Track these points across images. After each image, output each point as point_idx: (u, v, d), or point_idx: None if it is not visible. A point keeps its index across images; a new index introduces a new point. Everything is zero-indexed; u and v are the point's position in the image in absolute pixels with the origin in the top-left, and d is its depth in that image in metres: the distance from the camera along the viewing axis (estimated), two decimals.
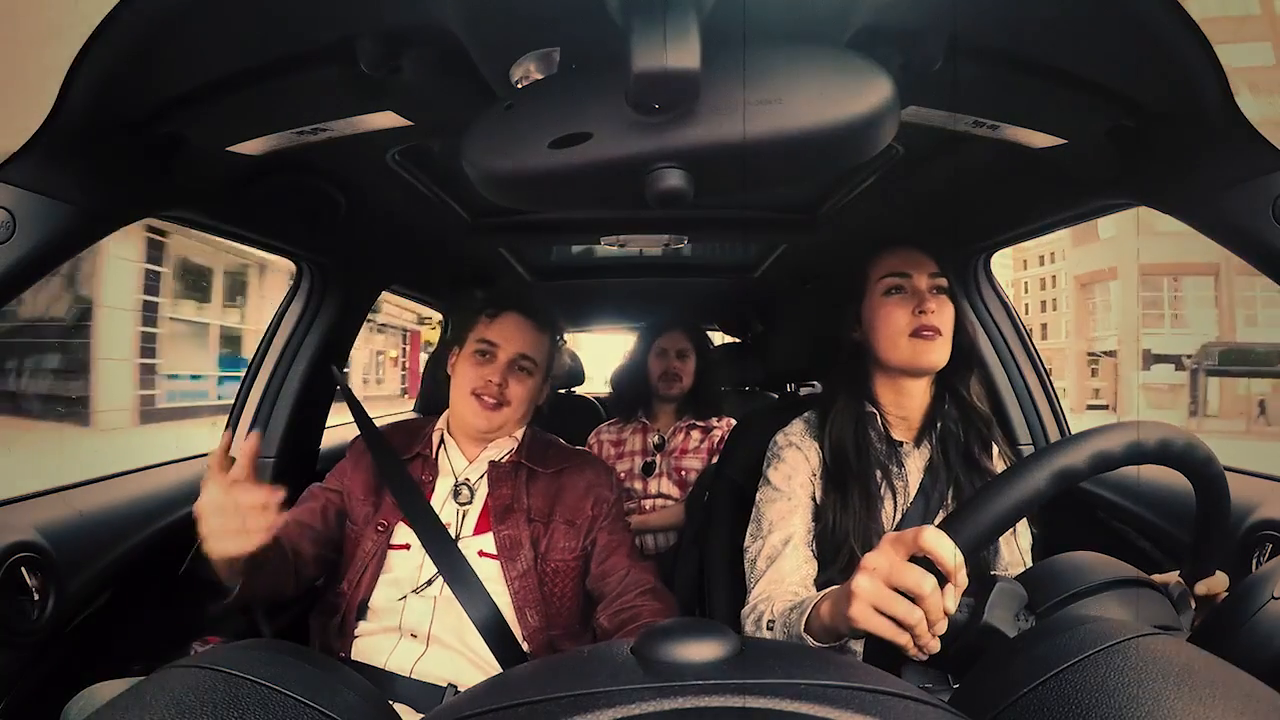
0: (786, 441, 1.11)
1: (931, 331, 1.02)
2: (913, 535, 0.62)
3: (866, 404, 1.09)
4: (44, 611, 0.90)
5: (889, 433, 1.08)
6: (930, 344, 1.02)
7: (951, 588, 0.62)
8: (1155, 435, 0.66)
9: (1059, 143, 0.87)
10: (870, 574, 0.64)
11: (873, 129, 0.59)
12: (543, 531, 1.17)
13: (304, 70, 0.72)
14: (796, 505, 1.05)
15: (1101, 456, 0.65)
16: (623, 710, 0.35)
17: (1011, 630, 0.65)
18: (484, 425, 1.19)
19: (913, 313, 1.02)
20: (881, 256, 1.08)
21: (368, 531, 1.17)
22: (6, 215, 0.70)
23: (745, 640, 0.43)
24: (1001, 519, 0.64)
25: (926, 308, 1.02)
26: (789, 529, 1.02)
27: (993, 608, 0.66)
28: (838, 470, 1.05)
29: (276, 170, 1.02)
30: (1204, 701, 0.42)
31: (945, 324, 1.03)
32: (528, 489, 1.19)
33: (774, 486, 1.07)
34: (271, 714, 0.46)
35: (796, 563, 0.99)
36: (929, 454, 1.07)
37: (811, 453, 1.09)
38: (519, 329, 1.20)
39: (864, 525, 1.01)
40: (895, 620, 0.62)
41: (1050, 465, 0.64)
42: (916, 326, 1.02)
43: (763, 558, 1.01)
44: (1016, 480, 0.64)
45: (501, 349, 1.19)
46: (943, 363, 1.04)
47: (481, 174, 0.64)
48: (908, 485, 1.06)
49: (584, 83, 0.61)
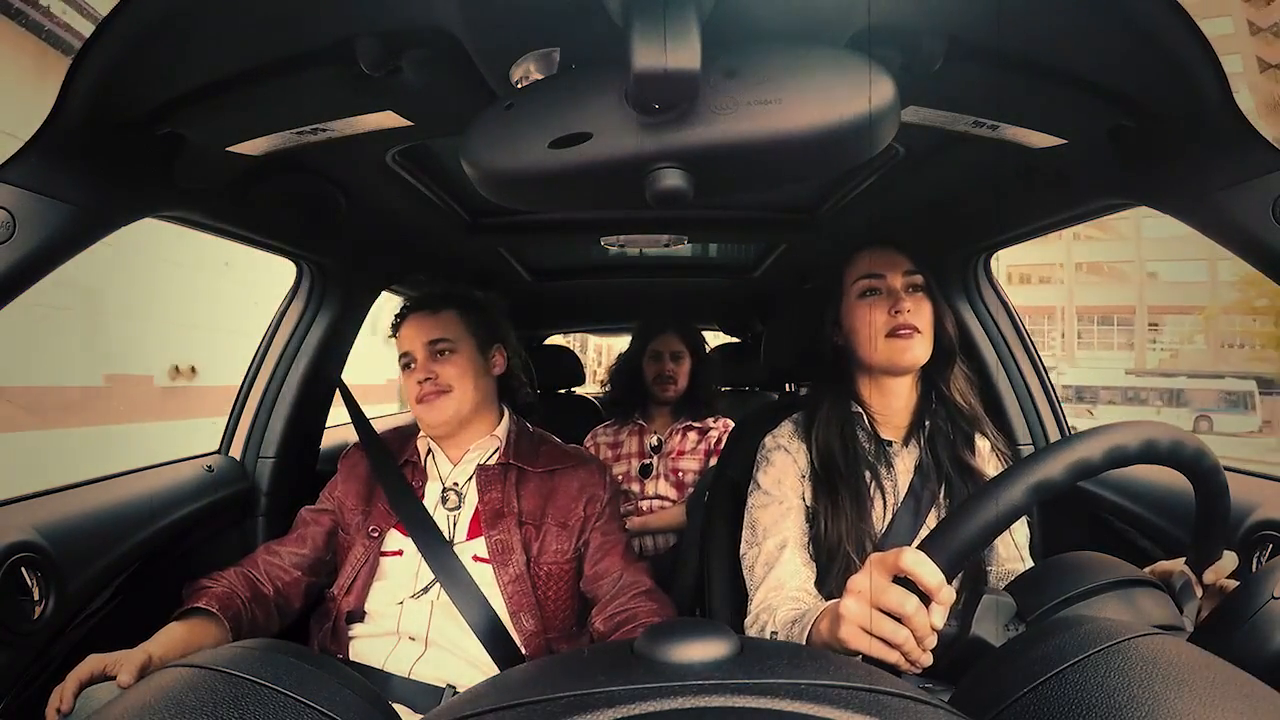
0: (775, 444, 1.11)
1: (908, 330, 1.02)
2: (894, 557, 0.64)
3: (852, 404, 1.09)
4: (44, 611, 0.90)
5: (877, 432, 1.08)
6: (907, 343, 1.02)
7: (937, 605, 0.62)
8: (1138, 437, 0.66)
9: (1059, 143, 0.87)
10: (856, 596, 0.66)
11: (873, 129, 0.59)
12: (535, 535, 1.16)
13: (304, 70, 0.72)
14: (789, 509, 1.04)
15: (1080, 465, 0.65)
16: (623, 710, 0.35)
17: (999, 642, 0.66)
18: (439, 417, 1.19)
19: (889, 313, 1.03)
20: (856, 259, 1.09)
21: (359, 539, 1.18)
22: (6, 215, 0.70)
23: (745, 640, 0.43)
24: (981, 534, 0.64)
25: (901, 307, 1.02)
26: (783, 533, 1.02)
27: (980, 620, 0.66)
28: (826, 472, 1.05)
29: (276, 170, 1.02)
30: (1204, 701, 0.42)
31: (922, 322, 1.03)
32: (518, 491, 1.19)
33: (764, 490, 1.07)
34: (271, 714, 0.46)
35: (795, 567, 0.99)
36: (918, 453, 1.07)
37: (800, 455, 1.09)
38: (417, 325, 1.22)
39: (856, 526, 1.01)
40: (885, 639, 0.64)
41: (1028, 478, 0.64)
42: (892, 326, 1.03)
43: (760, 564, 1.01)
44: (994, 495, 0.65)
45: (414, 351, 1.21)
46: (921, 360, 1.04)
47: (481, 174, 0.64)
48: (897, 485, 1.06)
49: (584, 83, 0.61)
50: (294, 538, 1.21)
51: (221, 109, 0.78)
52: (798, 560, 1.00)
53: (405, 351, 1.22)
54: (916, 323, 1.02)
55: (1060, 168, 0.95)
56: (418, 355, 1.21)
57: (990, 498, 0.65)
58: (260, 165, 0.94)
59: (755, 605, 0.98)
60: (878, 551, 1.00)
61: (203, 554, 1.32)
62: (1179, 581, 0.73)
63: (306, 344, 1.56)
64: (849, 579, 0.68)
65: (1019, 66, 0.72)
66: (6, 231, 0.70)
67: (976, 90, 0.77)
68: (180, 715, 0.46)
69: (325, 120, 0.84)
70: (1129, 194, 0.94)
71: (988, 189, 1.16)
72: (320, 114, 0.83)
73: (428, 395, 1.18)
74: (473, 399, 1.21)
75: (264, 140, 0.87)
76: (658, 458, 2.13)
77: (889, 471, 1.06)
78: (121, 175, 0.81)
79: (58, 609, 0.92)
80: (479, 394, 1.23)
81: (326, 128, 0.85)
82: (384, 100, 0.80)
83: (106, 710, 0.49)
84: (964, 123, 0.84)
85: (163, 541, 1.18)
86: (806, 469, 1.08)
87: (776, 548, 1.01)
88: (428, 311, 1.23)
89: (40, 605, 0.90)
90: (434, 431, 1.23)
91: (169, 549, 1.21)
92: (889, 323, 1.03)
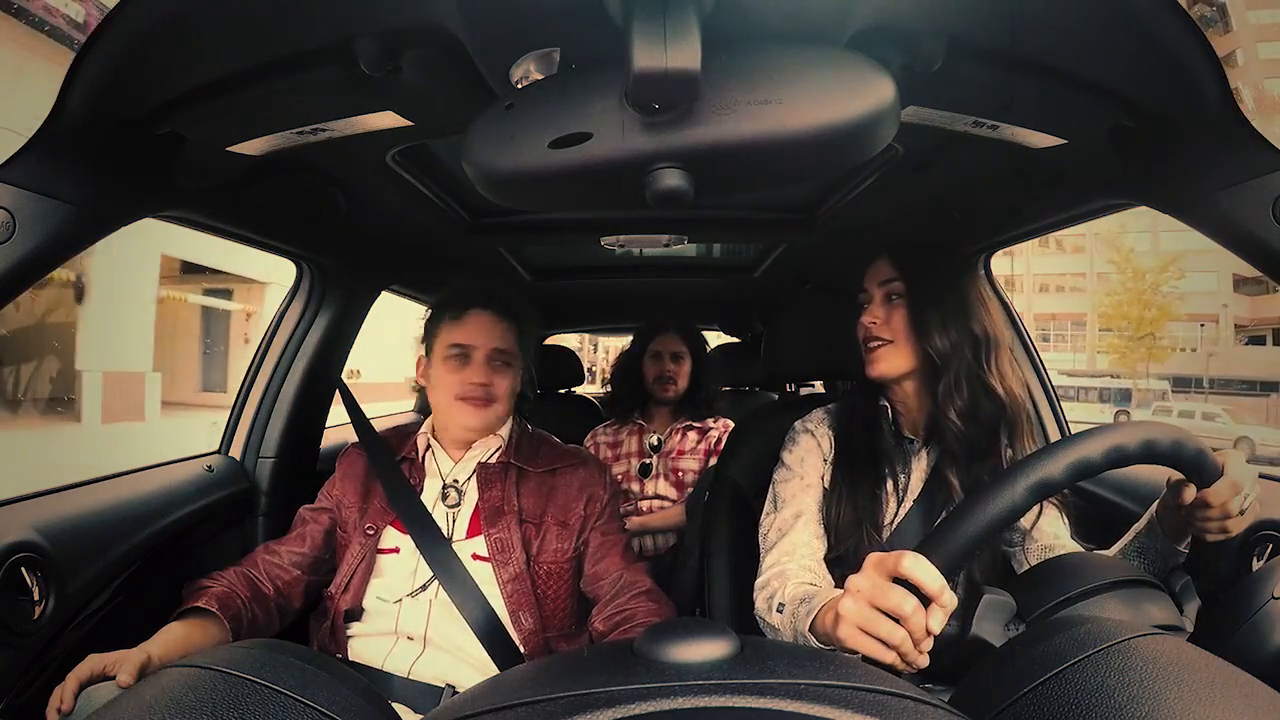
0: (803, 427, 1.14)
1: (875, 341, 1.03)
2: (894, 559, 0.64)
3: (880, 399, 1.10)
4: (44, 611, 0.90)
5: (900, 429, 1.09)
6: (874, 354, 1.03)
7: (937, 608, 0.63)
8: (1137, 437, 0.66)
9: (1059, 143, 0.87)
10: (854, 596, 0.66)
11: (873, 129, 0.59)
12: (534, 533, 1.17)
13: (304, 70, 0.72)
14: (809, 484, 1.07)
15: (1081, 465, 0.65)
16: (623, 710, 0.35)
17: (999, 642, 0.66)
18: (478, 424, 1.19)
19: (863, 321, 1.04)
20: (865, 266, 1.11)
21: (355, 536, 1.18)
22: (6, 215, 0.70)
23: (745, 640, 0.43)
24: (977, 536, 0.65)
25: (864, 319, 1.04)
26: (800, 505, 1.04)
27: (980, 620, 0.67)
28: (846, 456, 1.07)
29: (276, 170, 1.02)
30: (1203, 701, 0.42)
31: (894, 332, 1.02)
32: (518, 489, 1.19)
33: (787, 466, 1.10)
34: (271, 714, 0.46)
35: (807, 537, 1.01)
36: (936, 454, 1.07)
37: (825, 440, 1.11)
38: (486, 326, 1.19)
39: (869, 513, 1.02)
40: (881, 640, 0.64)
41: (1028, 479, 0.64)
42: (863, 335, 1.04)
43: (774, 530, 1.04)
44: (992, 496, 0.65)
45: (475, 349, 1.18)
46: (891, 372, 1.03)
47: (482, 174, 0.64)
48: (910, 481, 1.06)
49: (584, 83, 0.61)
50: (293, 537, 1.21)
51: (221, 109, 0.78)
52: (811, 531, 1.02)
53: (465, 344, 1.18)
54: (883, 334, 1.02)
55: (1060, 168, 0.95)
56: (477, 356, 1.18)
57: (987, 498, 0.65)
58: (260, 165, 0.93)
59: (766, 568, 1.00)
60: (886, 542, 1.01)
61: (203, 554, 1.32)
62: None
63: (306, 344, 1.56)
64: (849, 578, 0.68)
65: (1019, 66, 0.72)
66: (6, 231, 0.70)
67: (976, 90, 0.77)
68: (180, 715, 0.46)
69: (325, 120, 0.84)
70: (1129, 194, 0.94)
71: (988, 189, 1.16)
72: (320, 114, 0.82)
73: (475, 399, 1.17)
74: (506, 411, 1.22)
75: (264, 140, 0.87)
76: (657, 457, 2.14)
77: (905, 468, 1.07)
78: (121, 175, 0.81)
79: (58, 609, 0.92)
80: (510, 409, 1.24)
81: (326, 128, 0.85)
82: (384, 100, 0.79)
83: (107, 710, 0.49)
84: (964, 123, 0.84)
85: (163, 541, 1.18)
86: (829, 453, 1.10)
87: (793, 516, 1.03)
88: (501, 315, 1.20)
89: (40, 605, 0.90)
90: (462, 434, 1.22)
91: (169, 549, 1.21)
92: (862, 331, 1.05)
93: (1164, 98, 0.72)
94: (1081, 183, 0.99)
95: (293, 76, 0.73)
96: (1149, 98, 0.74)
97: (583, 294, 2.57)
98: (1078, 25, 0.65)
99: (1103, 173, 0.91)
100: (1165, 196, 0.84)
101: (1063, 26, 0.66)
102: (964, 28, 0.66)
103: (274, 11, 0.64)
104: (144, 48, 0.64)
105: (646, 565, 1.21)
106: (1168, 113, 0.74)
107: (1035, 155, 0.91)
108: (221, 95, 0.75)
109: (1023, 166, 1.00)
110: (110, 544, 1.06)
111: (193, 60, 0.70)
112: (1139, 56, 0.67)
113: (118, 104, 0.72)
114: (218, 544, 1.38)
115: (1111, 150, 0.85)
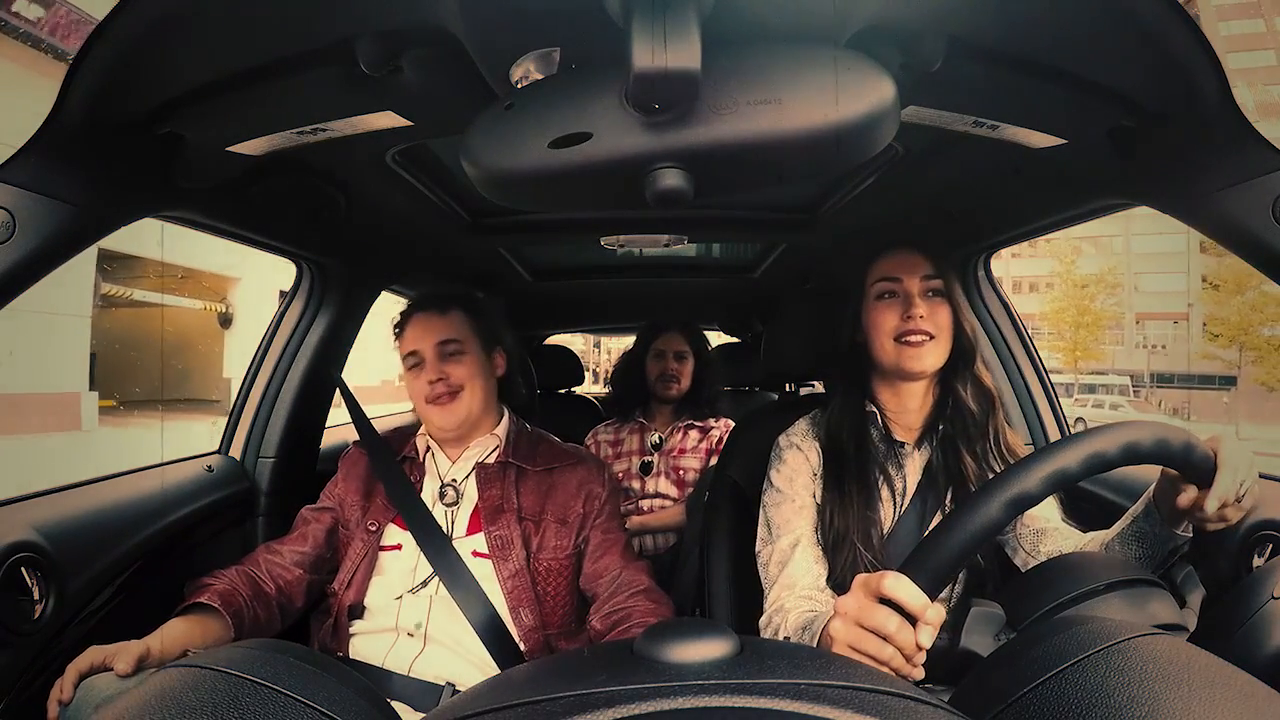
0: (788, 443, 1.11)
1: (920, 336, 1.02)
2: (877, 580, 0.65)
3: (866, 403, 1.09)
4: (44, 611, 0.90)
5: (890, 433, 1.08)
6: (917, 350, 1.02)
7: (924, 625, 0.63)
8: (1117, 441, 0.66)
9: (1059, 143, 0.87)
10: (842, 617, 0.67)
11: (873, 129, 0.59)
12: (534, 530, 1.17)
13: (304, 70, 0.72)
14: (801, 506, 1.05)
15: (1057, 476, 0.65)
16: (623, 710, 0.35)
17: (988, 653, 0.66)
18: (451, 422, 1.19)
19: (901, 317, 1.02)
20: (876, 260, 1.09)
21: (358, 533, 1.18)
22: (6, 215, 0.70)
23: (745, 640, 0.43)
24: (958, 553, 0.65)
25: (914, 312, 1.02)
26: (796, 531, 1.03)
27: (969, 633, 0.67)
28: (835, 467, 1.05)
29: (276, 170, 1.02)
30: (1203, 701, 0.42)
31: (938, 327, 1.02)
32: (517, 488, 1.20)
33: (777, 489, 1.08)
34: (271, 714, 0.46)
35: (807, 564, 1.00)
36: (930, 455, 1.07)
37: (812, 453, 1.09)
38: (425, 325, 1.21)
39: (863, 517, 1.01)
40: (872, 657, 0.64)
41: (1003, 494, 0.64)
42: (902, 331, 1.02)
43: (774, 563, 1.02)
44: (973, 511, 0.65)
45: (422, 351, 1.20)
46: (933, 367, 1.03)
47: (481, 174, 0.64)
48: (905, 486, 1.06)
49: (584, 83, 0.61)
50: (295, 536, 1.21)
51: (221, 109, 0.78)
52: (810, 557, 1.01)
53: (413, 351, 1.21)
54: (929, 328, 1.02)
55: (1060, 168, 0.95)
56: (426, 355, 1.20)
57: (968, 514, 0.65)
58: (260, 165, 0.93)
59: (769, 605, 0.99)
60: (884, 548, 1.01)
61: (203, 554, 1.32)
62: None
63: (306, 344, 1.56)
64: (837, 600, 0.69)
65: (1019, 66, 0.72)
66: (6, 231, 0.70)
67: (976, 90, 0.77)
68: (180, 715, 0.46)
69: (325, 120, 0.83)
70: (1129, 194, 0.94)
71: (988, 189, 1.16)
72: (320, 114, 0.82)
73: (440, 396, 1.18)
74: (481, 400, 1.22)
75: (264, 140, 0.87)
76: (658, 455, 2.14)
77: (899, 472, 1.06)
78: (121, 175, 0.81)
79: (58, 609, 0.92)
80: (486, 395, 1.23)
81: (326, 128, 0.85)
82: (384, 100, 0.79)
83: (107, 709, 0.49)
84: (964, 123, 0.84)
85: (163, 541, 1.18)
86: (818, 466, 1.08)
87: (790, 545, 1.02)
88: (436, 311, 1.23)
89: (40, 605, 0.90)
90: (443, 434, 1.23)
91: (169, 549, 1.21)
92: (900, 327, 1.03)
93: (1164, 98, 0.72)
94: (1081, 183, 0.99)
95: (293, 76, 0.73)
96: (1149, 98, 0.74)
97: (582, 294, 2.57)
98: (1077, 25, 0.65)
99: (1103, 173, 0.91)
100: (1165, 196, 0.84)
101: (1062, 26, 0.66)
102: (964, 28, 0.66)
103: (274, 11, 0.64)
104: (144, 48, 0.64)
105: (646, 564, 1.21)
106: (1168, 113, 0.74)
107: (1035, 155, 0.91)
108: (221, 95, 0.75)
109: (1023, 166, 1.00)
110: (110, 544, 1.06)
111: (193, 60, 0.70)
112: (1139, 56, 0.67)
113: (118, 104, 0.72)
114: (218, 544, 1.38)
115: (1111, 150, 0.85)
